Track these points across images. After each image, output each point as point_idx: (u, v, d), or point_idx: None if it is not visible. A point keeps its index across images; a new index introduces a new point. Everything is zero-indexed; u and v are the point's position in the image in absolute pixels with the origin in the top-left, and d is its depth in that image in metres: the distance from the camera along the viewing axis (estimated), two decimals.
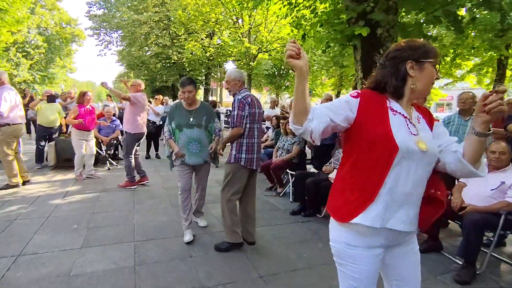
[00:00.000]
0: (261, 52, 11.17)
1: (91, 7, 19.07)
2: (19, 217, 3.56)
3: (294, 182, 4.20)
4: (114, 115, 7.40)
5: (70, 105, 8.48)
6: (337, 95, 25.79)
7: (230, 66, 22.22)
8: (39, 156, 6.20)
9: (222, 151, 3.22)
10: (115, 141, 6.81)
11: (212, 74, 18.93)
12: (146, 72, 18.43)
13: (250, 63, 10.81)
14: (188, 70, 18.14)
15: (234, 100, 2.86)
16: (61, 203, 4.07)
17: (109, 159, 6.50)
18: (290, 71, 25.75)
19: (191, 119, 3.11)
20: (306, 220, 3.86)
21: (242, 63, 11.40)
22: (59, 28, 31.54)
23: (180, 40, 15.04)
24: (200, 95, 31.43)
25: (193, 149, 3.13)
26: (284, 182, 5.07)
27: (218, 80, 20.87)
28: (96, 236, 3.13)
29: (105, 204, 4.10)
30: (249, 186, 3.06)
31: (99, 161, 6.57)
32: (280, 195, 4.88)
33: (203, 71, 19.60)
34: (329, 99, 5.24)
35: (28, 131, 10.27)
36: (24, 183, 4.83)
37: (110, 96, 11.10)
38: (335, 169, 3.93)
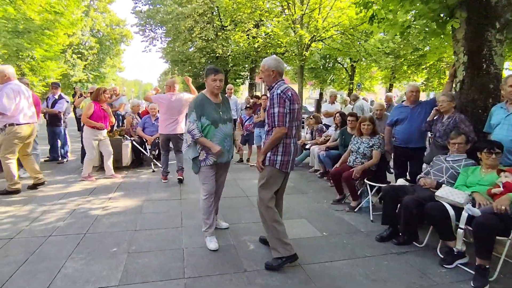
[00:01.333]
0: (314, 40, 10.05)
1: (137, 3, 19.33)
2: (55, 232, 3.06)
3: (383, 199, 3.23)
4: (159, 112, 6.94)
5: (116, 102, 8.25)
6: (389, 89, 23.73)
7: None
8: (84, 156, 5.88)
9: (263, 163, 2.58)
10: (159, 141, 6.31)
11: (257, 70, 18.19)
12: (190, 68, 18.28)
13: (304, 52, 9.75)
14: (231, 65, 17.59)
15: (273, 95, 2.47)
16: (101, 215, 3.53)
17: (154, 160, 6.00)
18: (337, 64, 24.22)
19: (221, 113, 2.87)
20: (401, 251, 2.89)
21: (293, 54, 10.36)
22: (110, 29, 33.17)
23: (225, 32, 14.48)
24: (241, 90, 31.01)
25: (227, 146, 2.91)
26: (358, 193, 4.10)
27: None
28: (137, 266, 2.48)
29: (149, 218, 3.49)
30: (280, 189, 2.72)
31: (143, 162, 6.13)
32: (355, 210, 3.93)
33: (247, 66, 18.93)
34: (418, 91, 4.15)
35: (79, 129, 10.36)
36: (35, 186, 4.46)
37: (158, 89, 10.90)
38: (443, 185, 2.89)
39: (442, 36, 4.95)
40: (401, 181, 3.51)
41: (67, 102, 6.47)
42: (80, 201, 3.97)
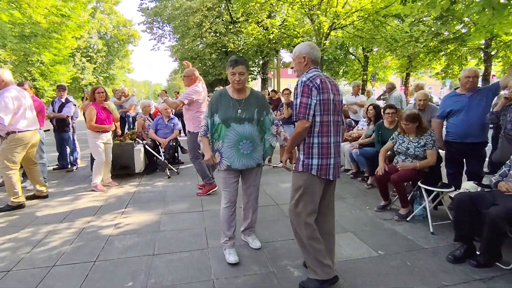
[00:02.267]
0: (334, 28, 9.29)
1: (143, 0, 18.88)
2: (60, 259, 2.58)
3: (456, 210, 2.61)
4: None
5: (126, 104, 7.82)
6: (406, 78, 22.75)
7: (284, 54, 20.51)
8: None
9: (291, 161, 2.36)
10: (174, 143, 5.83)
11: (270, 65, 17.49)
12: (200, 65, 17.81)
13: (324, 41, 9.03)
14: None
15: (297, 84, 2.06)
16: (113, 235, 3.05)
17: (169, 164, 5.51)
18: (349, 55, 23.30)
19: (239, 111, 2.44)
20: (487, 277, 2.28)
21: None
22: (117, 31, 33.04)
23: (236, 25, 13.88)
24: (250, 85, 30.37)
25: (244, 150, 2.48)
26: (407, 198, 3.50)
27: (274, 69, 19.42)
28: None
29: (168, 237, 2.98)
30: (324, 201, 2.23)
31: (157, 168, 5.65)
32: (408, 219, 3.33)
33: (257, 61, 18.32)
34: (476, 76, 3.50)
35: None
36: (35, 197, 4.15)
37: (166, 91, 10.42)
38: None
39: (493, 11, 4.28)
40: (469, 185, 2.89)
41: (75, 105, 6.04)
42: (90, 217, 3.50)
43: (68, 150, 6.00)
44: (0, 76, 3.67)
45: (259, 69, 18.39)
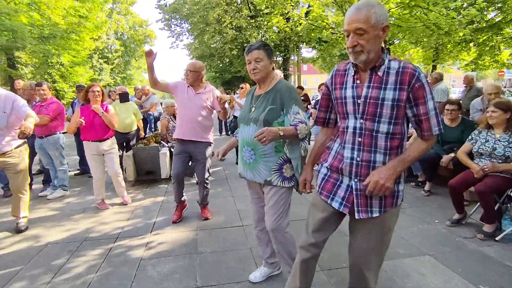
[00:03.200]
0: None
1: None
2: None
3: None
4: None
5: (146, 103, 7.45)
6: (432, 71, 21.61)
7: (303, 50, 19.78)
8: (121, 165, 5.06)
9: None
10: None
11: (290, 60, 16.82)
12: (218, 62, 17.38)
13: None
14: None
15: (420, 78, 1.29)
16: (144, 257, 2.59)
17: None
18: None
19: (253, 109, 1.95)
20: None
21: (342, 36, 8.98)
22: (133, 31, 33.23)
23: (258, 19, 13.32)
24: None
25: (246, 157, 1.97)
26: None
27: (293, 65, 18.74)
28: None
29: (210, 262, 2.50)
30: None
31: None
32: (497, 239, 2.73)
33: (276, 58, 17.77)
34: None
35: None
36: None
37: None
38: None
39: None
40: None
41: None
42: (116, 234, 3.07)
43: None
44: None
45: (277, 66, 17.87)
